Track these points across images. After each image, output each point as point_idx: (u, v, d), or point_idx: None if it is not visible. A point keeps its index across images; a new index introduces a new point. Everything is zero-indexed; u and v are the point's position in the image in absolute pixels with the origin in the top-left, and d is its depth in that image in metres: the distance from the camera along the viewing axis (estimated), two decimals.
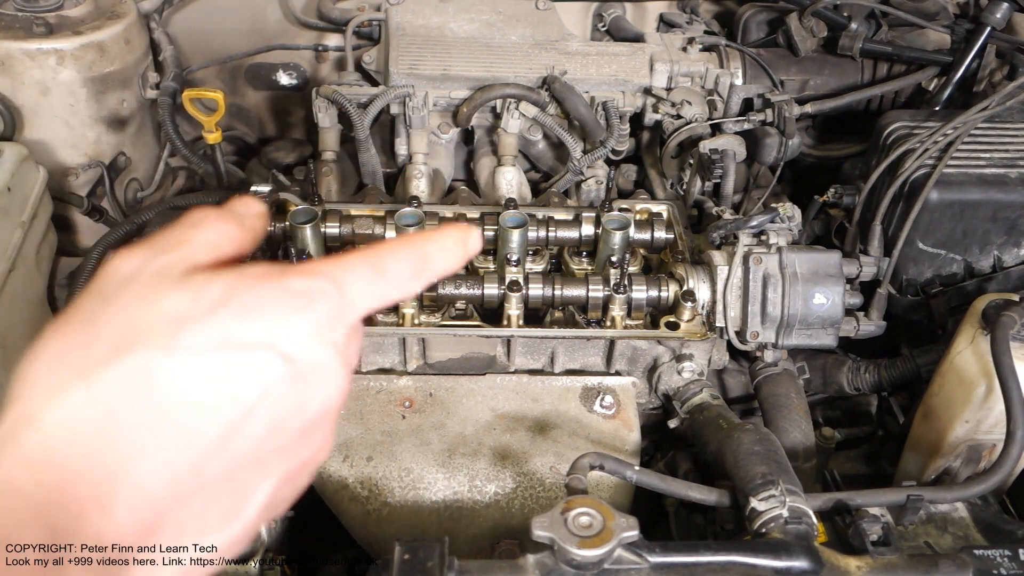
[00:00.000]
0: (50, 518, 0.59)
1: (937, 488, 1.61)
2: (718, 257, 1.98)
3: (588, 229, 2.10)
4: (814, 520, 1.47)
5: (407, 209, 2.03)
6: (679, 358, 1.96)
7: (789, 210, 2.02)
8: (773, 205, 2.02)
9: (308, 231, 2.00)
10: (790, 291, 1.90)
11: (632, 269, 2.11)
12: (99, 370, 0.61)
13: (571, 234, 2.11)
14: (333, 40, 2.90)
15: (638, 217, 2.18)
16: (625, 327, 1.96)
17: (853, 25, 2.62)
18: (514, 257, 1.99)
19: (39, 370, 0.63)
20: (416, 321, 1.96)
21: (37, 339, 0.65)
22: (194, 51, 2.83)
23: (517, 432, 1.87)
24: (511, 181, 2.48)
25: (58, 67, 2.22)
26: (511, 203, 2.10)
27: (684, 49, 2.63)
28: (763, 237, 1.97)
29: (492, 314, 2.02)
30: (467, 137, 2.69)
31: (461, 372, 2.00)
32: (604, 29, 2.95)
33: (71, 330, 0.65)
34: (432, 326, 1.97)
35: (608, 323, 1.97)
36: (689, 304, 1.93)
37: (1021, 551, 1.43)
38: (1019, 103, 2.23)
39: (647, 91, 2.56)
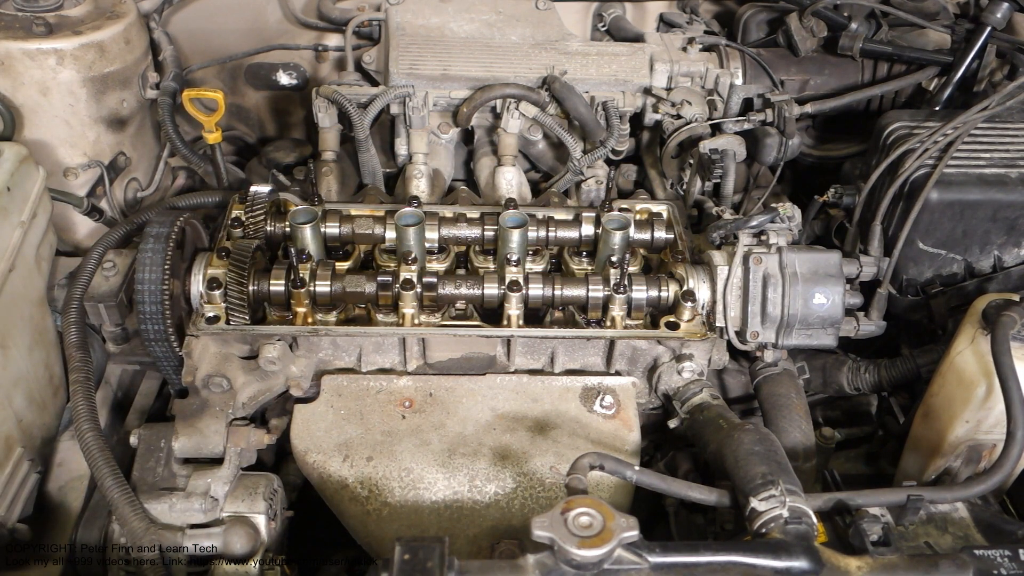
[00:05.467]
0: None
1: (937, 488, 1.61)
2: (718, 257, 1.98)
3: (588, 229, 2.10)
4: (814, 520, 1.47)
5: (407, 209, 2.03)
6: (679, 358, 1.96)
7: (789, 210, 2.02)
8: (773, 205, 2.02)
9: (308, 231, 2.00)
10: (790, 291, 1.90)
11: (632, 269, 2.11)
12: None
13: (571, 234, 2.11)
14: (333, 40, 2.90)
15: (638, 217, 2.18)
16: (625, 327, 1.96)
17: (853, 25, 2.62)
18: (514, 257, 1.99)
19: None
20: (416, 321, 1.96)
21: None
22: (194, 51, 2.82)
23: (517, 432, 1.87)
24: (511, 181, 2.48)
25: (58, 67, 2.22)
26: (511, 203, 2.10)
27: (684, 49, 2.63)
28: (763, 237, 1.97)
29: (492, 314, 2.02)
30: (467, 137, 2.69)
31: (461, 372, 2.00)
32: (604, 29, 2.96)
33: None
34: (432, 326, 1.97)
35: (608, 323, 1.97)
36: (689, 304, 1.94)
37: (1021, 551, 1.43)
38: (1019, 103, 2.23)
39: (647, 91, 2.56)
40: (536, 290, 1.95)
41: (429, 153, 2.51)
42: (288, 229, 2.06)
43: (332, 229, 2.08)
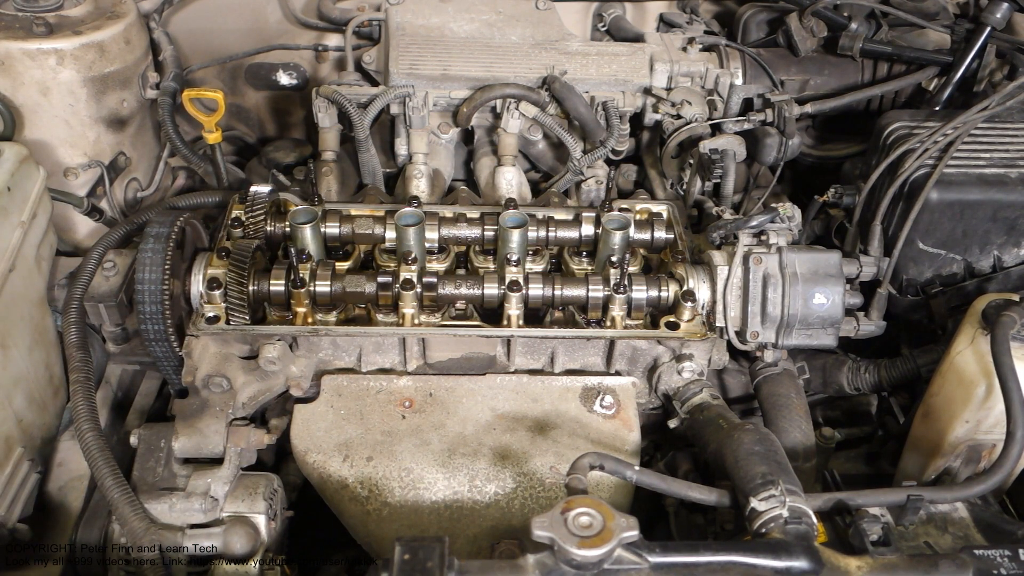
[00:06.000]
0: None
1: (937, 488, 1.61)
2: (718, 257, 1.98)
3: (588, 229, 2.10)
4: (814, 520, 1.47)
5: (407, 209, 2.03)
6: (679, 358, 1.96)
7: (789, 210, 2.02)
8: (773, 205, 2.02)
9: (308, 231, 2.00)
10: (790, 291, 1.90)
11: (632, 269, 2.11)
12: None
13: (571, 234, 2.11)
14: (333, 40, 2.90)
15: (638, 217, 2.18)
16: (625, 327, 1.96)
17: (853, 25, 2.62)
18: (514, 257, 1.99)
19: None
20: (416, 321, 1.96)
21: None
22: (194, 51, 2.82)
23: (517, 432, 1.87)
24: (511, 181, 2.48)
25: (58, 67, 2.22)
26: (511, 203, 2.10)
27: (684, 49, 2.63)
28: (763, 237, 1.97)
29: (492, 314, 2.02)
30: (467, 137, 2.69)
31: (461, 372, 2.00)
32: (604, 29, 2.95)
33: None
34: (432, 326, 1.97)
35: (608, 323, 1.97)
36: (689, 304, 1.94)
37: (1021, 551, 1.43)
38: (1019, 103, 2.23)
39: (647, 91, 2.56)
40: (536, 290, 1.95)
41: (429, 153, 2.51)
42: (288, 229, 2.06)
43: (332, 229, 2.08)
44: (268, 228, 2.08)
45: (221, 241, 2.04)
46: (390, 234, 2.08)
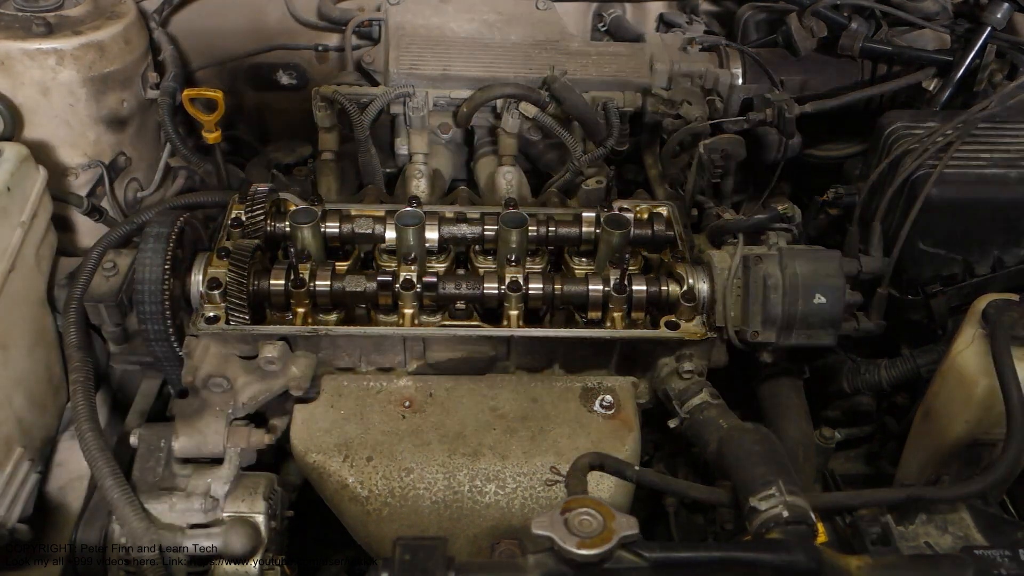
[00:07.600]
0: None
1: (937, 488, 1.61)
2: (718, 257, 1.98)
3: (588, 229, 2.10)
4: (814, 520, 1.47)
5: (407, 209, 2.03)
6: (679, 358, 1.96)
7: (789, 210, 2.02)
8: (773, 205, 2.02)
9: (308, 231, 2.00)
10: (790, 291, 1.90)
11: (632, 269, 2.11)
12: None
13: (571, 234, 2.11)
14: (333, 40, 2.90)
15: (638, 217, 2.18)
16: (625, 327, 1.96)
17: (853, 25, 2.62)
18: (514, 257, 1.99)
19: None
20: (416, 321, 1.96)
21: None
22: (194, 51, 2.82)
23: (517, 432, 1.87)
24: (511, 181, 2.48)
25: (58, 67, 2.22)
26: (511, 203, 2.10)
27: (684, 49, 2.63)
28: (763, 237, 1.97)
29: (492, 314, 2.02)
30: (467, 137, 2.69)
31: (461, 372, 2.00)
32: (604, 29, 2.95)
33: None
34: (432, 326, 1.97)
35: (608, 323, 1.97)
36: (689, 304, 1.93)
37: (1021, 551, 1.43)
38: (1019, 103, 2.23)
39: (647, 91, 2.56)
40: (536, 290, 1.95)
41: (429, 153, 2.51)
42: (288, 229, 2.06)
43: (332, 229, 2.08)
44: (268, 228, 2.08)
45: (221, 241, 2.04)
46: (390, 234, 2.08)
